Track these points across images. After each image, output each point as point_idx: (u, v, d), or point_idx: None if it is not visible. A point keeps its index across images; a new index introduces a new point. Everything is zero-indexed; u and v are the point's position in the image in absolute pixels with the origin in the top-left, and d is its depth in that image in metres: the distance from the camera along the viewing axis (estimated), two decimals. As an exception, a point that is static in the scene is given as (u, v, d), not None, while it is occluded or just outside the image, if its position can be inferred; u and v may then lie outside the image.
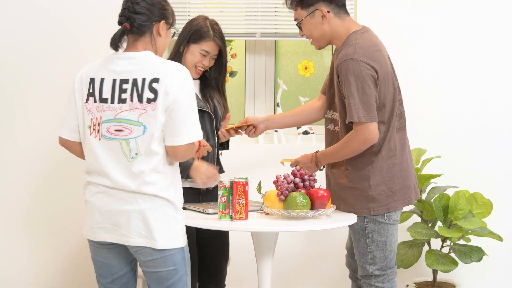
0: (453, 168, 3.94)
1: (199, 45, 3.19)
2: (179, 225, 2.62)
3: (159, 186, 2.56)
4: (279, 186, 2.87)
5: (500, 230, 3.79)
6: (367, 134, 2.88)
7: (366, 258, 3.05)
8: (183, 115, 2.51)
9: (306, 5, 2.97)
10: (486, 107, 4.05)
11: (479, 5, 4.02)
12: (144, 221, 2.55)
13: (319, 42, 3.05)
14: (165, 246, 2.58)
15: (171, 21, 2.68)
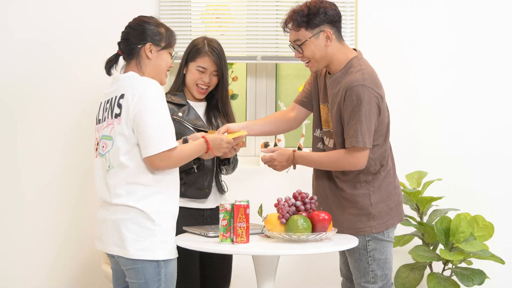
0: (454, 191, 3.93)
1: (195, 62, 3.26)
2: (156, 238, 2.68)
3: (133, 197, 2.67)
4: (280, 209, 2.87)
5: (502, 253, 3.78)
6: (361, 160, 2.97)
7: (367, 278, 3.06)
8: (146, 128, 2.64)
9: (312, 26, 2.99)
10: (487, 129, 4.05)
11: (481, 28, 4.05)
12: (118, 231, 2.68)
13: (318, 64, 3.07)
14: (135, 256, 2.67)
15: (165, 43, 2.81)
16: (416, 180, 3.83)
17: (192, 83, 3.26)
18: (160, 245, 2.69)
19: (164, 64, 2.83)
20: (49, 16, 3.98)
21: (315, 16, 2.97)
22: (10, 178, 4.00)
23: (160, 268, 2.70)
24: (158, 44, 2.80)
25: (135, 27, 2.81)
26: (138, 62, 2.80)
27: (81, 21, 3.97)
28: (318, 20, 2.98)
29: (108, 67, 2.85)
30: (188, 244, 2.81)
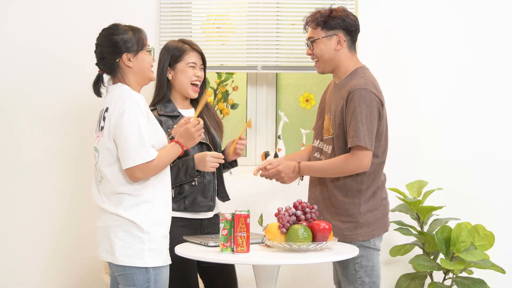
0: (455, 200, 3.93)
1: (183, 61, 3.30)
2: (145, 245, 2.73)
3: (121, 206, 2.75)
4: (280, 219, 2.87)
5: (503, 263, 3.77)
6: (365, 161, 3.05)
7: (355, 285, 3.13)
8: (124, 141, 2.71)
9: (328, 27, 3.17)
10: (488, 138, 4.06)
11: (482, 33, 4.06)
12: (108, 237, 2.76)
13: (325, 65, 3.22)
14: (123, 262, 2.73)
15: (137, 46, 2.84)
16: (416, 189, 3.83)
17: (187, 82, 3.29)
18: (148, 253, 2.74)
19: (147, 64, 2.88)
20: (49, 21, 4.00)
21: (333, 19, 3.16)
22: (10, 183, 4.01)
23: (149, 275, 2.74)
24: (132, 51, 2.83)
25: (105, 43, 2.84)
26: (122, 74, 2.85)
27: (81, 28, 3.98)
28: (335, 23, 3.16)
29: (96, 89, 2.91)
30: (188, 254, 2.82)
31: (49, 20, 4.00)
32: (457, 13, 4.07)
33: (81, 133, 3.99)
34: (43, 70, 4.00)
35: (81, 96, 3.98)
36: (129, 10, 3.99)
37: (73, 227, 4.00)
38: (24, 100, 4.00)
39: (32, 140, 4.00)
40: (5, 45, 4.00)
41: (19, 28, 4.00)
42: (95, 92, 2.91)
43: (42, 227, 4.00)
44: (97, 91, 2.91)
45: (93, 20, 3.98)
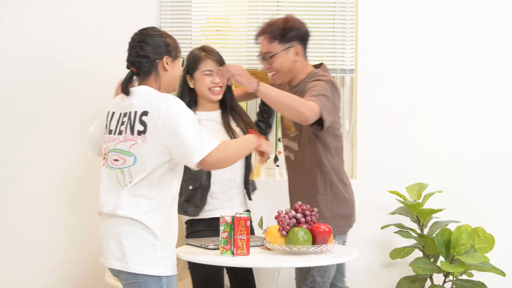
0: (455, 203, 3.93)
1: (199, 70, 3.32)
2: (158, 253, 2.63)
3: (137, 210, 2.62)
4: (280, 222, 2.87)
5: (503, 265, 3.77)
6: (313, 113, 2.97)
7: (306, 281, 3.17)
8: (186, 139, 2.59)
9: (285, 41, 3.18)
10: (488, 141, 4.06)
11: (482, 37, 4.07)
12: (119, 243, 2.63)
13: (284, 76, 3.25)
14: (136, 270, 2.61)
15: (175, 53, 2.80)
16: (416, 192, 3.83)
17: (205, 89, 3.31)
18: (161, 261, 2.64)
19: (178, 73, 2.83)
20: (48, 22, 4.01)
21: (290, 31, 3.17)
22: (11, 185, 4.01)
23: (162, 284, 2.63)
24: (172, 55, 2.78)
25: (149, 42, 2.75)
26: (156, 76, 2.75)
27: (82, 32, 3.99)
28: (291, 36, 3.18)
29: (126, 88, 2.74)
30: (188, 257, 2.82)
31: (49, 21, 4.01)
32: (458, 15, 4.07)
33: (82, 136, 3.99)
34: (44, 70, 4.01)
35: (83, 98, 4.00)
36: (129, 12, 4.00)
37: (75, 229, 4.00)
38: (26, 103, 4.01)
39: (33, 142, 4.01)
40: (3, 49, 4.01)
41: (18, 29, 4.01)
42: (125, 91, 2.73)
43: (45, 229, 4.00)
44: (127, 89, 2.73)
45: (93, 21, 4.01)
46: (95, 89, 3.98)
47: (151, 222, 2.63)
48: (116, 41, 3.97)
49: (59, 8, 4.01)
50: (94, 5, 4.01)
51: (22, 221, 4.01)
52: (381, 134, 4.05)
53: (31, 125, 4.01)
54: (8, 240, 4.01)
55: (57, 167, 4.01)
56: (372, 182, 4.03)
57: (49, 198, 4.00)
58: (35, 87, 4.00)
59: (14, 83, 4.00)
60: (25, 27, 3.99)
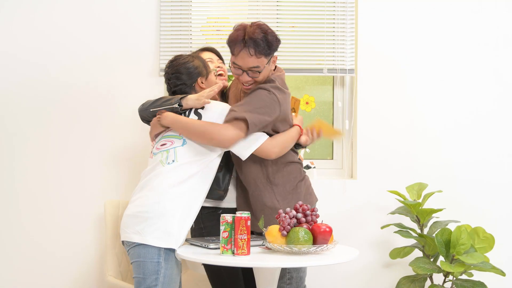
0: (455, 203, 3.94)
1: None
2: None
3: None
4: (281, 221, 2.87)
5: (503, 265, 3.78)
6: (229, 135, 2.96)
7: (284, 279, 3.17)
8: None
9: (270, 53, 3.09)
10: (488, 141, 4.06)
11: (482, 44, 4.07)
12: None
13: (259, 84, 3.12)
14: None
15: (206, 71, 3.18)
16: (416, 192, 3.83)
17: (213, 75, 3.32)
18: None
19: (214, 82, 3.20)
20: (50, 24, 4.01)
21: (272, 44, 3.08)
22: (12, 185, 4.02)
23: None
24: (204, 75, 3.17)
25: (182, 71, 3.13)
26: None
27: (82, 32, 3.99)
28: (274, 48, 3.10)
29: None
30: (189, 256, 2.81)
31: (51, 23, 4.01)
32: (457, 14, 4.08)
33: (82, 134, 4.00)
34: (44, 71, 4.00)
35: (83, 98, 4.00)
36: (129, 12, 4.00)
37: (78, 227, 4.00)
38: (26, 103, 4.01)
39: (33, 142, 4.01)
40: (14, 47, 4.02)
41: (11, 37, 4.01)
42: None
43: (46, 228, 4.00)
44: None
45: (93, 20, 4.00)
46: (95, 89, 3.98)
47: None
48: (116, 40, 3.99)
49: (59, 8, 4.01)
50: (94, 5, 4.00)
51: (22, 220, 4.01)
52: (381, 134, 4.05)
53: (33, 126, 4.01)
54: (10, 239, 4.01)
55: (58, 166, 4.01)
56: (372, 182, 4.03)
57: (51, 197, 4.00)
58: (37, 87, 4.00)
59: (17, 84, 4.01)
60: (33, 27, 4.00)
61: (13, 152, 4.00)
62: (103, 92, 3.98)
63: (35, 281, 4.00)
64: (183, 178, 2.94)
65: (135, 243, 2.88)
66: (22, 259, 4.00)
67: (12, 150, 4.00)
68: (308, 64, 4.04)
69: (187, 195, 2.94)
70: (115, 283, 3.51)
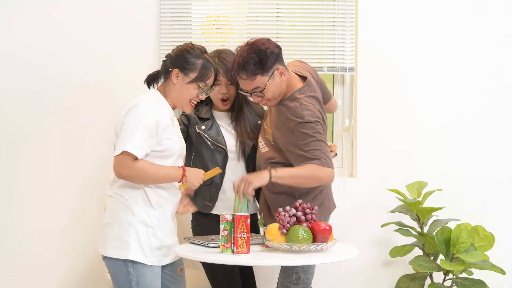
0: (455, 201, 3.94)
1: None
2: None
3: None
4: (281, 220, 2.87)
5: (503, 263, 3.78)
6: (330, 176, 3.07)
7: (291, 279, 3.18)
8: (122, 130, 2.80)
9: (267, 70, 3.05)
10: (488, 139, 4.06)
11: (482, 43, 4.07)
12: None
13: (277, 100, 3.14)
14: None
15: (195, 75, 2.89)
16: (416, 190, 3.83)
17: (215, 98, 3.33)
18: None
19: (187, 94, 2.91)
20: (50, 23, 4.01)
21: (266, 59, 3.03)
22: (14, 185, 4.02)
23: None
24: (186, 74, 2.89)
25: (176, 51, 2.93)
26: (166, 84, 2.94)
27: (82, 32, 3.99)
28: (270, 63, 3.05)
29: (147, 81, 3.00)
30: (188, 255, 2.82)
31: (50, 23, 4.01)
32: (458, 14, 4.08)
33: (82, 133, 4.00)
34: (44, 70, 4.01)
35: (83, 98, 4.00)
36: (129, 10, 4.00)
37: (77, 225, 4.00)
38: (26, 102, 4.01)
39: (33, 142, 4.01)
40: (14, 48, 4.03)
41: (12, 37, 4.01)
42: (147, 82, 3.00)
43: (46, 225, 4.01)
44: (148, 83, 3.00)
45: (93, 20, 4.00)
46: (95, 89, 3.98)
47: None
48: (116, 39, 3.99)
49: (60, 7, 4.01)
50: (94, 4, 4.00)
51: (23, 218, 4.01)
52: (381, 132, 4.05)
53: (33, 125, 4.01)
54: (10, 237, 4.01)
55: (58, 165, 4.01)
56: (372, 180, 4.03)
57: (51, 196, 4.01)
58: (37, 87, 4.01)
59: (18, 83, 4.01)
60: (33, 27, 4.00)
61: (14, 151, 4.00)
62: (103, 91, 3.98)
63: (35, 279, 4.00)
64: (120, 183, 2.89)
65: (102, 255, 2.90)
66: (22, 257, 4.01)
67: (13, 149, 4.00)
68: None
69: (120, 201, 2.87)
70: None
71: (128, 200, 2.83)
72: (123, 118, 2.82)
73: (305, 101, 3.08)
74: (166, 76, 2.94)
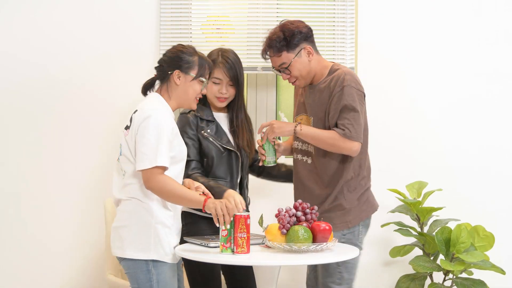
0: (455, 201, 3.93)
1: (212, 74, 3.26)
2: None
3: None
4: (281, 220, 2.87)
5: (503, 263, 3.77)
6: (354, 148, 3.09)
7: (334, 278, 3.14)
8: (141, 145, 2.79)
9: (293, 47, 3.13)
10: (488, 139, 4.06)
11: (482, 36, 4.07)
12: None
13: (305, 80, 3.20)
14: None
15: (196, 73, 2.94)
16: (416, 190, 3.83)
17: (212, 96, 3.31)
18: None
19: (192, 92, 2.96)
20: (50, 23, 4.02)
21: (292, 37, 3.12)
22: (15, 185, 4.03)
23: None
24: (187, 72, 2.94)
25: (168, 54, 2.98)
26: (168, 87, 2.96)
27: (82, 32, 4.00)
28: (296, 40, 3.13)
29: (144, 90, 3.02)
30: (188, 255, 2.81)
31: (50, 23, 4.01)
32: (457, 13, 4.08)
33: (82, 132, 4.00)
34: (44, 70, 4.01)
35: (83, 98, 4.00)
36: (129, 10, 4.00)
37: (78, 226, 4.01)
38: (27, 103, 4.02)
39: (33, 142, 4.01)
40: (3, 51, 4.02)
41: (12, 37, 4.01)
42: (142, 91, 3.02)
43: (47, 226, 4.01)
44: (145, 91, 3.02)
45: (93, 19, 4.01)
46: (95, 89, 3.98)
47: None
48: (116, 39, 3.99)
49: (60, 8, 4.01)
50: (94, 5, 4.00)
51: (23, 218, 4.02)
52: (381, 132, 4.04)
53: (33, 125, 4.01)
54: (11, 238, 4.01)
55: (58, 164, 4.01)
56: (372, 180, 4.02)
57: (51, 195, 4.01)
58: (37, 87, 4.01)
59: (18, 83, 4.01)
60: (34, 27, 4.01)
61: (14, 150, 4.00)
62: (103, 91, 3.98)
63: (35, 279, 4.00)
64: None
65: (120, 257, 2.90)
66: (22, 257, 4.01)
67: (13, 149, 4.00)
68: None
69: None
70: (115, 281, 3.51)
71: (146, 202, 2.84)
72: (138, 128, 2.81)
73: (348, 72, 3.14)
74: (165, 80, 2.97)
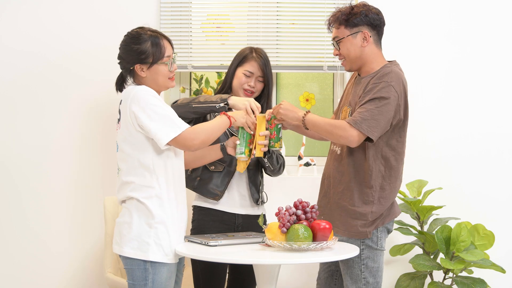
0: (455, 200, 3.94)
1: (242, 67, 3.34)
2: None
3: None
4: (281, 218, 2.87)
5: (503, 262, 3.78)
6: (354, 139, 2.99)
7: (359, 284, 3.10)
8: (149, 126, 2.76)
9: (351, 25, 3.10)
10: (488, 138, 4.06)
11: (480, 33, 4.06)
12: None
13: (352, 63, 3.15)
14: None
15: (152, 58, 2.86)
16: (416, 189, 3.83)
17: (239, 87, 3.34)
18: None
19: (161, 77, 2.90)
20: (47, 28, 4.02)
21: (355, 16, 3.09)
22: (14, 184, 4.03)
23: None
24: (146, 62, 2.86)
25: (122, 49, 2.91)
26: (138, 79, 2.92)
27: (82, 32, 4.00)
28: (357, 20, 3.09)
29: (118, 87, 2.98)
30: (188, 253, 2.81)
31: (49, 20, 4.01)
32: (456, 13, 4.07)
33: (82, 131, 4.00)
34: (44, 68, 4.01)
35: (83, 98, 4.00)
36: (129, 9, 4.00)
37: (77, 224, 4.01)
38: (25, 101, 4.02)
39: (32, 141, 4.01)
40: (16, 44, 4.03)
41: (16, 32, 4.01)
42: (117, 89, 2.98)
43: (46, 225, 4.02)
44: (119, 88, 2.98)
45: (93, 19, 4.01)
46: (95, 87, 3.99)
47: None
48: (116, 39, 3.98)
49: (59, 7, 4.01)
50: (95, 3, 4.01)
51: (22, 216, 4.02)
52: (381, 131, 4.04)
53: (33, 123, 4.01)
54: (10, 237, 4.02)
55: (58, 162, 4.02)
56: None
57: (50, 193, 4.01)
58: (37, 83, 4.01)
59: (18, 79, 4.02)
60: (36, 23, 4.02)
61: (14, 148, 4.00)
62: (104, 90, 3.98)
63: (34, 277, 4.01)
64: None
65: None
66: (21, 256, 4.01)
67: (13, 146, 4.00)
68: (308, 61, 4.04)
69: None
70: (114, 279, 3.52)
71: (145, 202, 2.82)
72: (131, 109, 2.79)
73: (396, 72, 3.06)
74: (132, 74, 2.92)
